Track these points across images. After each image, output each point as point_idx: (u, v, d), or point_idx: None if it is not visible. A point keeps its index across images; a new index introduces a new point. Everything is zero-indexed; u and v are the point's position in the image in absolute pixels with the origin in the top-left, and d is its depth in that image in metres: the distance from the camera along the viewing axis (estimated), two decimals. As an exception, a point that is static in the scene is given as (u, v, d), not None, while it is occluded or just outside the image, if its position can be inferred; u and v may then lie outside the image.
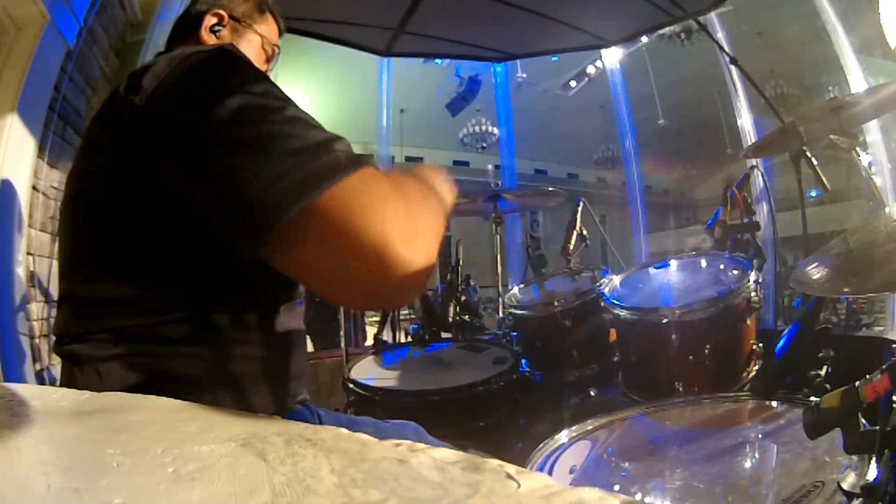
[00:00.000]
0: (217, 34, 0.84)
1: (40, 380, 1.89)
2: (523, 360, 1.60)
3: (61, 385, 0.66)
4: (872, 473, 0.53)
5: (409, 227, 0.50)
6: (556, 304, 1.59)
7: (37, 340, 1.92)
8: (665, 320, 1.27)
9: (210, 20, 0.84)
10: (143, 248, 0.62)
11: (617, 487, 0.78)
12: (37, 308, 1.95)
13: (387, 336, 2.49)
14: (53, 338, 0.70)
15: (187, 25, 0.85)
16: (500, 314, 2.06)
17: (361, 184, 0.49)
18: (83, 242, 0.65)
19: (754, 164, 2.07)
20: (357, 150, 0.54)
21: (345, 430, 0.34)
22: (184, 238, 0.62)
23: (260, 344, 0.67)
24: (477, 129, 8.43)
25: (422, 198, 0.57)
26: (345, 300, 0.57)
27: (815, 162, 1.72)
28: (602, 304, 1.43)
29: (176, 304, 0.62)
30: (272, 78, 0.63)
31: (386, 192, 0.51)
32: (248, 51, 0.87)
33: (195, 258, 0.63)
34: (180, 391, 0.60)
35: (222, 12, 0.85)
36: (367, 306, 0.56)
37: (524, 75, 8.10)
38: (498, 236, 2.29)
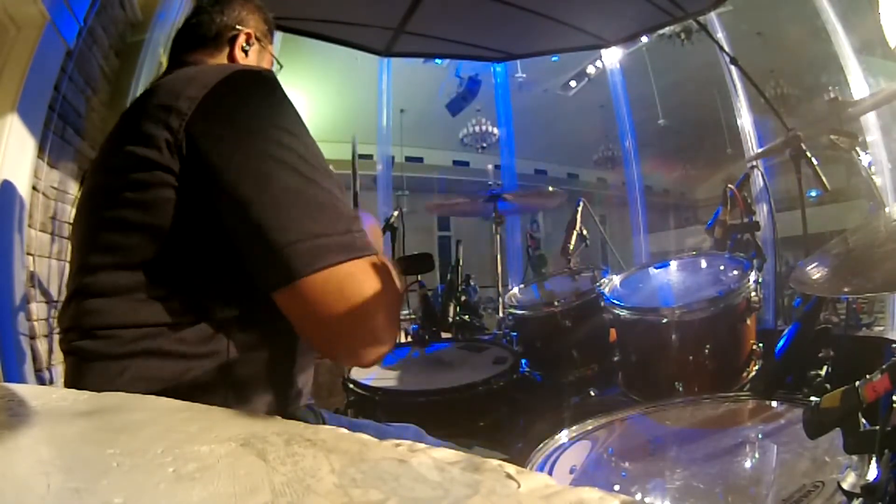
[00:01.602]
0: (247, 53, 0.87)
1: (40, 380, 1.89)
2: (523, 360, 1.60)
3: (66, 381, 0.66)
4: (872, 473, 0.53)
5: (391, 314, 0.64)
6: (556, 304, 1.59)
7: (37, 340, 1.92)
8: (665, 320, 1.27)
9: (242, 39, 0.86)
10: (160, 248, 0.63)
11: (617, 487, 0.78)
12: (37, 308, 1.95)
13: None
14: (58, 332, 0.70)
15: (211, 38, 0.85)
16: (500, 314, 2.07)
17: (369, 268, 0.61)
18: (102, 238, 0.65)
19: (754, 164, 2.07)
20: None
21: (345, 430, 0.34)
22: (201, 241, 0.63)
23: (268, 347, 0.68)
24: (477, 129, 8.43)
25: (398, 292, 0.69)
26: (326, 354, 0.67)
27: (815, 162, 1.72)
28: (602, 304, 1.43)
29: (189, 305, 0.63)
30: None
31: (383, 280, 0.62)
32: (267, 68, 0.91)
33: (212, 262, 0.64)
34: (187, 391, 0.62)
35: (251, 31, 0.88)
36: (338, 361, 0.71)
37: (524, 75, 8.09)
38: (498, 236, 2.29)
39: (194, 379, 0.63)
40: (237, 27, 0.86)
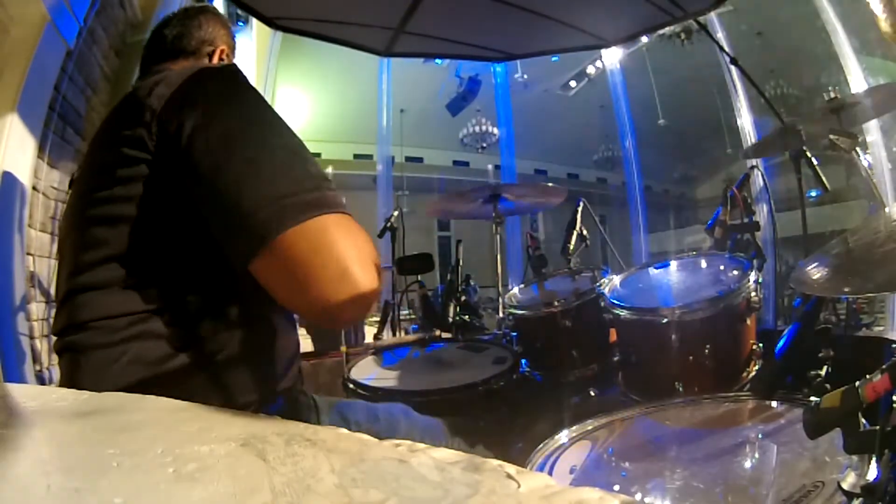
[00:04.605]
0: None
1: (40, 380, 1.89)
2: (523, 360, 1.60)
3: (61, 378, 0.68)
4: (872, 473, 0.53)
5: (367, 262, 0.61)
6: (556, 304, 1.59)
7: (37, 340, 1.92)
8: (665, 320, 1.27)
9: (220, 53, 0.94)
10: (144, 238, 0.66)
11: (617, 487, 0.78)
12: (37, 308, 1.95)
13: (387, 336, 2.49)
14: (54, 337, 0.71)
15: (190, 51, 0.91)
16: (500, 314, 2.06)
17: (341, 221, 0.61)
18: (90, 235, 0.68)
19: (754, 164, 2.07)
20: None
21: (345, 431, 0.34)
22: (185, 230, 0.66)
23: (251, 327, 0.71)
24: (477, 129, 8.43)
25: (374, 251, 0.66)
26: (307, 314, 0.65)
27: (815, 162, 1.72)
28: (602, 304, 1.43)
29: (174, 290, 0.66)
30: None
31: (356, 232, 0.62)
32: None
33: (193, 246, 0.66)
34: (174, 372, 0.63)
35: (225, 48, 0.95)
36: (321, 320, 0.65)
37: (524, 75, 8.10)
38: (498, 236, 2.29)
39: (182, 358, 0.65)
40: (214, 43, 0.94)
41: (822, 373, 1.05)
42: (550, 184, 2.32)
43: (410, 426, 0.88)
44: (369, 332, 3.46)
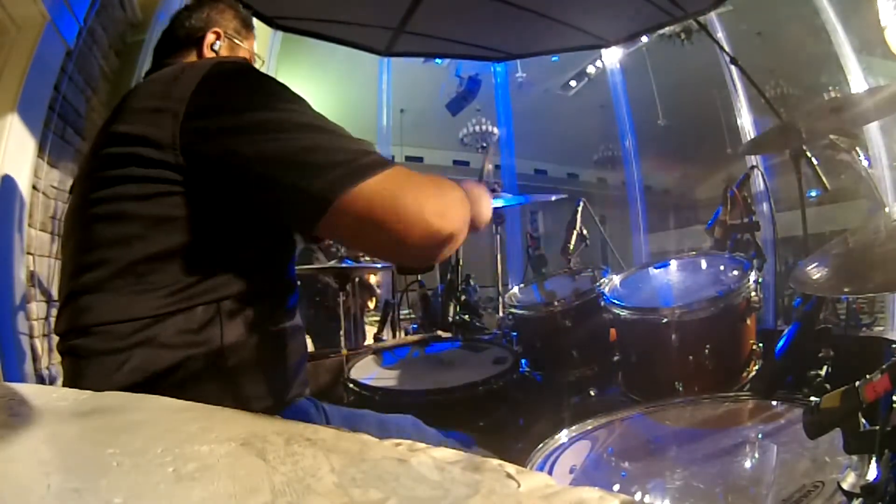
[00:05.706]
0: (216, 51, 0.90)
1: (40, 380, 1.89)
2: (523, 360, 1.60)
3: (65, 382, 0.67)
4: (872, 473, 0.53)
5: (439, 204, 0.63)
6: (556, 304, 1.59)
7: (36, 340, 1.92)
8: (665, 320, 1.27)
9: (211, 38, 0.90)
10: (152, 241, 0.64)
11: (617, 487, 0.78)
12: (37, 308, 1.95)
13: (387, 336, 2.49)
14: (56, 336, 0.71)
15: (182, 41, 0.90)
16: (500, 314, 2.06)
17: (399, 174, 0.63)
18: (95, 236, 0.67)
19: (754, 164, 2.07)
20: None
21: (345, 430, 0.34)
22: (194, 236, 0.64)
23: (258, 333, 0.70)
24: (477, 129, 8.43)
25: (449, 187, 0.70)
26: (390, 260, 0.72)
27: (815, 162, 1.72)
28: (602, 304, 1.43)
29: (181, 295, 0.65)
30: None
31: (418, 180, 0.64)
32: None
33: (204, 255, 0.65)
34: (182, 381, 0.63)
35: (219, 30, 0.91)
36: (409, 265, 0.74)
37: (524, 75, 8.09)
38: (498, 236, 2.29)
39: (190, 367, 0.64)
40: (205, 28, 0.91)
41: (822, 373, 1.05)
42: (553, 197, 2.31)
43: (421, 440, 0.86)
44: (370, 332, 3.47)
